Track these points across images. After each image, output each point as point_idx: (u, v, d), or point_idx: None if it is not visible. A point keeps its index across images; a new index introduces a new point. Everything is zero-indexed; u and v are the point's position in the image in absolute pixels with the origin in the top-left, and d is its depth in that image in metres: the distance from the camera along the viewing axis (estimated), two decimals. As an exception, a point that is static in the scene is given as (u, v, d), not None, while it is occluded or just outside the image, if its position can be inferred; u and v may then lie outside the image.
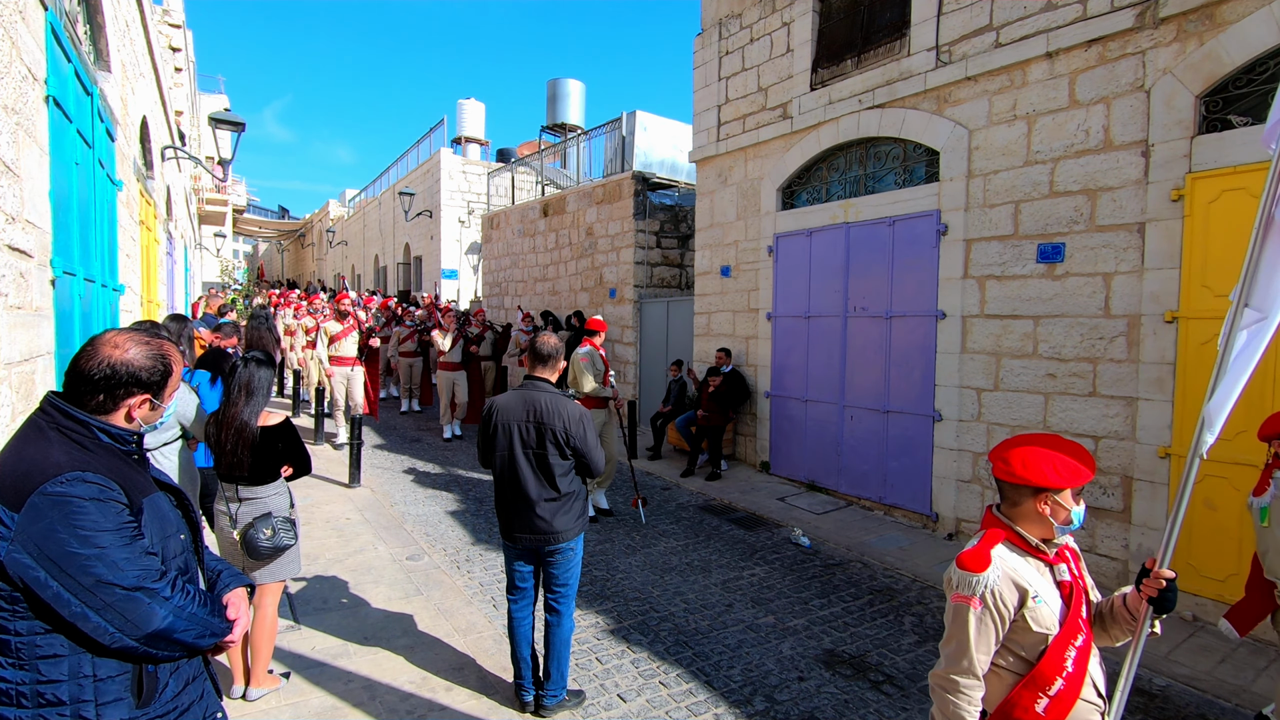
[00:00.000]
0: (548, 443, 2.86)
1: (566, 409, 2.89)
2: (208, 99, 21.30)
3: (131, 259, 5.72)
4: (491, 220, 14.50)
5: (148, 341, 1.49)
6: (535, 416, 2.87)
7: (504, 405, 2.95)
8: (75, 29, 3.85)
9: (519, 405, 2.91)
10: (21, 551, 1.24)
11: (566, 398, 2.95)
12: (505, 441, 2.91)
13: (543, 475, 2.90)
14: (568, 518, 2.94)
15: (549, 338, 3.08)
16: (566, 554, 3.01)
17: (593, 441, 2.93)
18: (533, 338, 3.11)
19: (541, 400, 2.89)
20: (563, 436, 2.85)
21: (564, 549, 2.99)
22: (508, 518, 2.98)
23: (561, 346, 3.10)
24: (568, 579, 3.05)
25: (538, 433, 2.86)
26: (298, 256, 39.45)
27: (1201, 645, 3.86)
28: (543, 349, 3.05)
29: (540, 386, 2.96)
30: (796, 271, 7.00)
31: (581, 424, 2.90)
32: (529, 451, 2.89)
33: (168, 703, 1.42)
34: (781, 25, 7.08)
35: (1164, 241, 4.30)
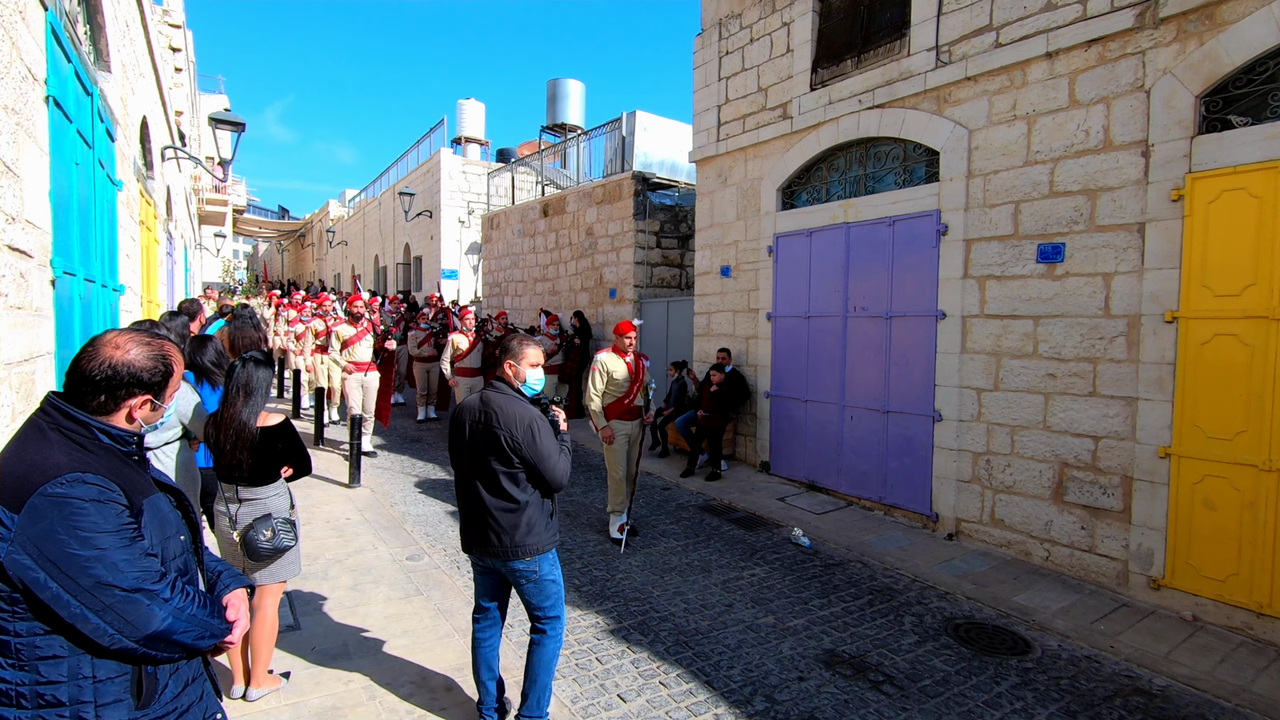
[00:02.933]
0: (494, 447, 2.63)
1: (514, 412, 2.63)
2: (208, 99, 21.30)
3: (131, 259, 5.72)
4: (491, 220, 14.50)
5: (148, 342, 1.48)
6: (486, 419, 2.66)
7: (466, 405, 2.78)
8: (75, 29, 3.85)
9: (476, 405, 2.73)
10: (21, 552, 1.24)
11: (519, 400, 2.71)
12: (461, 446, 2.74)
13: (489, 484, 2.67)
14: (525, 531, 2.67)
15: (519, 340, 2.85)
16: (530, 576, 2.71)
17: (545, 449, 2.63)
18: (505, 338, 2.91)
19: (495, 401, 2.69)
20: (509, 443, 2.60)
21: (526, 570, 2.70)
22: (463, 528, 2.81)
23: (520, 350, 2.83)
24: (544, 603, 2.77)
25: (485, 437, 2.64)
26: (298, 257, 39.44)
27: (1201, 645, 3.86)
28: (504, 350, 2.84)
29: (499, 388, 2.76)
30: (796, 272, 7.00)
31: (530, 430, 2.61)
32: (478, 457, 2.68)
33: (167, 704, 1.42)
34: (781, 25, 7.08)
35: (1164, 241, 4.30)
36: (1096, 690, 3.40)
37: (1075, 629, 4.03)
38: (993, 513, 5.29)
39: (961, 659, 3.67)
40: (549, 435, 2.66)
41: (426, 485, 6.92)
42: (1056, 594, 4.50)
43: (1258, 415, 3.93)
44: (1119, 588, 4.53)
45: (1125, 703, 3.30)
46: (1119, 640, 3.90)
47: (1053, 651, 3.78)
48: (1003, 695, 3.33)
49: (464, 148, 20.77)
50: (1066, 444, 4.82)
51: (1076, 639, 3.91)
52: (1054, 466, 4.89)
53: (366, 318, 7.84)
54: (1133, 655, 3.73)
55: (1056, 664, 3.65)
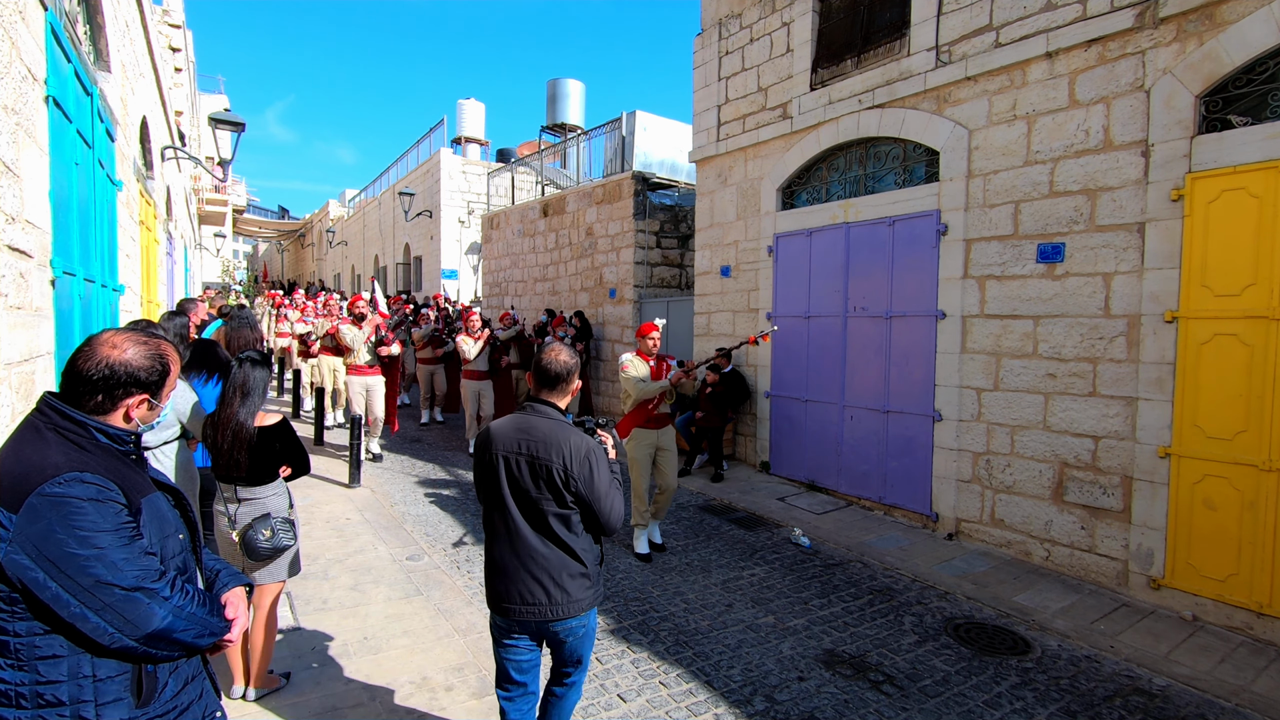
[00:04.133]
0: (542, 483, 2.21)
1: (569, 441, 2.22)
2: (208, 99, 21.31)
3: (131, 259, 5.72)
4: (491, 220, 14.50)
5: (145, 341, 1.49)
6: (529, 449, 2.23)
7: (499, 433, 2.32)
8: (75, 29, 3.85)
9: (512, 433, 2.29)
10: (20, 552, 1.24)
11: (573, 425, 2.32)
12: (494, 479, 2.29)
13: (537, 526, 2.25)
14: (575, 583, 2.26)
15: (559, 351, 2.41)
16: (577, 632, 2.32)
17: (603, 486, 2.22)
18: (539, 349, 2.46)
19: (539, 429, 2.26)
20: (561, 476, 2.19)
21: (571, 626, 2.29)
22: (495, 581, 2.32)
23: (575, 364, 2.43)
24: (581, 653, 2.40)
25: (531, 470, 2.22)
26: (298, 257, 39.45)
27: (1201, 645, 3.86)
28: (550, 366, 2.37)
29: (541, 411, 2.33)
30: (796, 271, 7.00)
31: (589, 463, 2.20)
32: (521, 494, 2.25)
33: (167, 702, 1.42)
34: (781, 25, 7.08)
35: (1164, 241, 4.30)
36: (1096, 690, 3.40)
37: (1075, 629, 4.02)
38: (993, 512, 5.29)
39: (961, 659, 3.67)
40: (607, 469, 2.27)
41: (426, 485, 6.92)
42: (1056, 594, 4.50)
43: (1258, 415, 3.93)
44: (1119, 588, 4.53)
45: (1125, 703, 3.30)
46: (1119, 640, 3.90)
47: (1053, 651, 3.78)
48: (1003, 695, 3.33)
49: (464, 148, 20.77)
50: (1066, 444, 4.82)
51: (1076, 639, 3.91)
52: (1054, 466, 4.89)
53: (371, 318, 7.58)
54: (1133, 655, 3.73)
55: (1056, 664, 3.65)
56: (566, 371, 2.40)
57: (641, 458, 5.04)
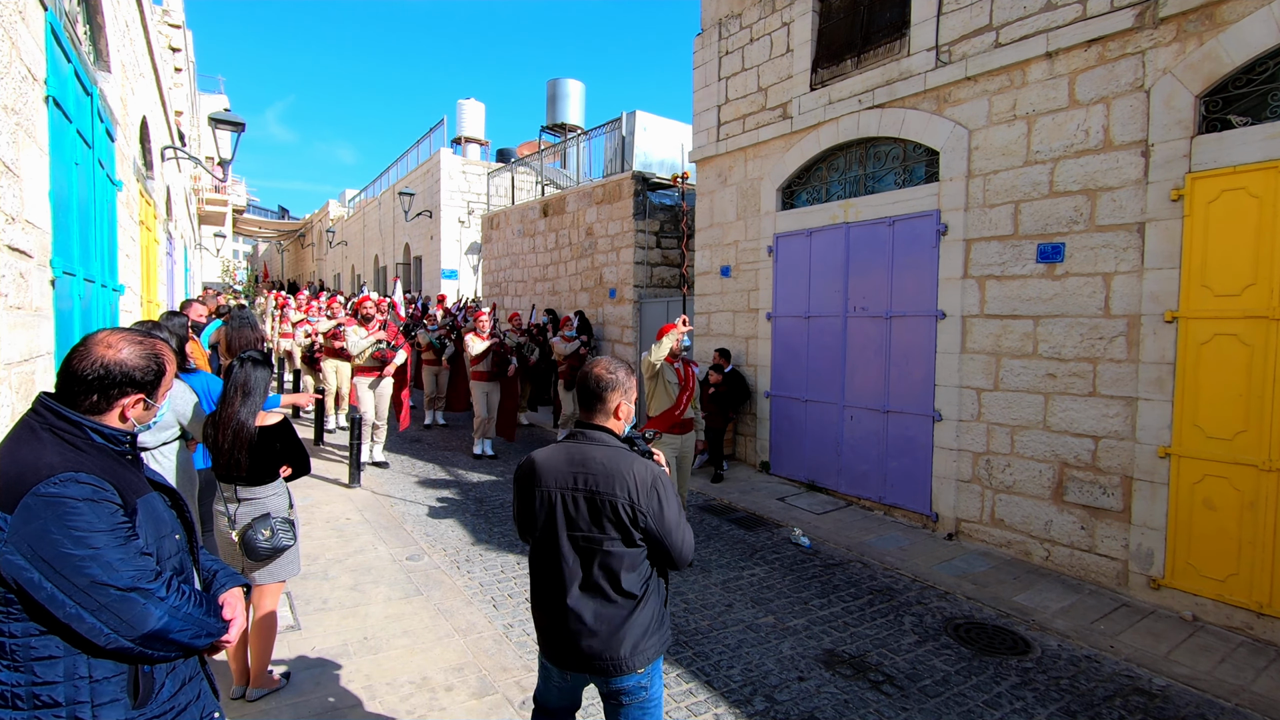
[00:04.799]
0: (605, 521, 1.95)
1: (633, 471, 1.96)
2: (208, 99, 21.33)
3: (131, 259, 5.72)
4: (491, 220, 14.50)
5: (140, 340, 1.48)
6: (586, 483, 1.97)
7: (546, 464, 2.04)
8: (75, 29, 3.85)
9: (564, 465, 2.02)
10: (15, 553, 1.24)
11: (627, 452, 2.03)
12: (545, 516, 2.02)
13: (596, 569, 1.97)
14: (638, 633, 1.98)
15: (597, 365, 2.12)
16: (638, 694, 2.02)
17: (673, 518, 1.98)
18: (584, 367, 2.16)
19: (596, 459, 1.99)
20: (627, 512, 1.93)
21: (631, 686, 2.00)
22: (546, 627, 2.06)
23: (614, 378, 2.10)
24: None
25: (590, 507, 1.96)
26: (298, 257, 39.47)
27: (1201, 645, 3.86)
28: (585, 383, 2.09)
29: (595, 438, 2.05)
30: (796, 271, 7.00)
31: (656, 494, 1.96)
32: (577, 534, 1.97)
33: (164, 703, 1.41)
34: (781, 25, 7.07)
35: (1164, 241, 4.30)
36: (1096, 690, 3.40)
37: (1075, 629, 4.02)
38: (993, 512, 5.28)
39: (961, 659, 3.67)
40: (675, 498, 2.02)
41: (427, 485, 6.92)
42: (1056, 594, 4.50)
43: (1258, 415, 3.93)
44: (1119, 588, 4.52)
45: (1125, 703, 3.29)
46: (1119, 640, 3.90)
47: (1053, 651, 3.78)
48: (1003, 695, 3.33)
49: (464, 148, 20.78)
50: (1066, 444, 4.81)
51: (1076, 639, 3.91)
52: (1054, 466, 4.89)
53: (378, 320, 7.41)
54: (1133, 655, 3.73)
55: (1056, 664, 3.65)
56: (600, 386, 2.07)
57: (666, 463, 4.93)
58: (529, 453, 2.13)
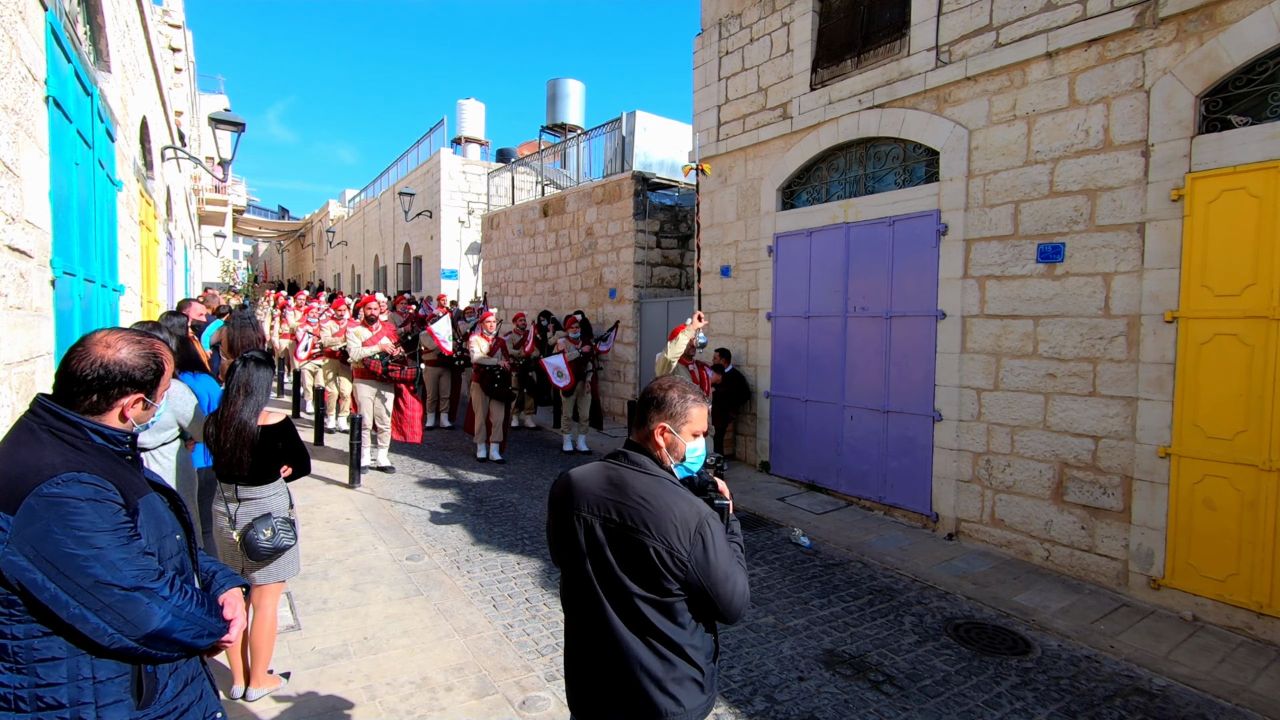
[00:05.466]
0: (639, 565, 1.65)
1: (672, 509, 1.66)
2: (208, 99, 21.32)
3: (131, 259, 5.72)
4: (491, 220, 14.50)
5: (139, 340, 1.48)
6: (621, 515, 1.68)
7: (582, 485, 1.78)
8: (75, 29, 3.85)
9: (600, 489, 1.75)
10: (18, 554, 1.24)
11: (673, 485, 1.73)
12: (576, 546, 1.75)
13: (630, 616, 1.68)
14: (679, 689, 1.69)
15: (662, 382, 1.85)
16: None
17: (721, 566, 1.65)
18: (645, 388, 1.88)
19: (633, 488, 1.70)
20: (661, 559, 1.62)
21: None
22: (574, 676, 1.81)
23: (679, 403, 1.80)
24: None
25: (623, 544, 1.67)
26: (298, 257, 39.46)
27: (1201, 645, 3.86)
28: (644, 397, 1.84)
29: (637, 462, 1.76)
30: (796, 271, 7.00)
31: (700, 537, 1.64)
32: (608, 572, 1.69)
33: (167, 703, 1.41)
34: (781, 25, 7.07)
35: (1164, 241, 4.30)
36: (1096, 690, 3.40)
37: (1075, 629, 4.02)
38: (993, 512, 5.28)
39: (961, 659, 3.67)
40: (724, 541, 1.71)
41: (427, 486, 6.92)
42: (1056, 594, 4.50)
43: (1258, 415, 3.93)
44: (1119, 588, 4.53)
45: (1125, 703, 3.30)
46: (1119, 640, 3.90)
47: (1053, 651, 3.78)
48: (1003, 695, 3.33)
49: (464, 148, 20.78)
50: (1066, 444, 4.82)
51: (1076, 639, 3.91)
52: (1054, 466, 4.89)
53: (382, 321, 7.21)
54: (1133, 655, 3.73)
55: (1056, 664, 3.65)
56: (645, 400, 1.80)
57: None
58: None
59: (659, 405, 1.80)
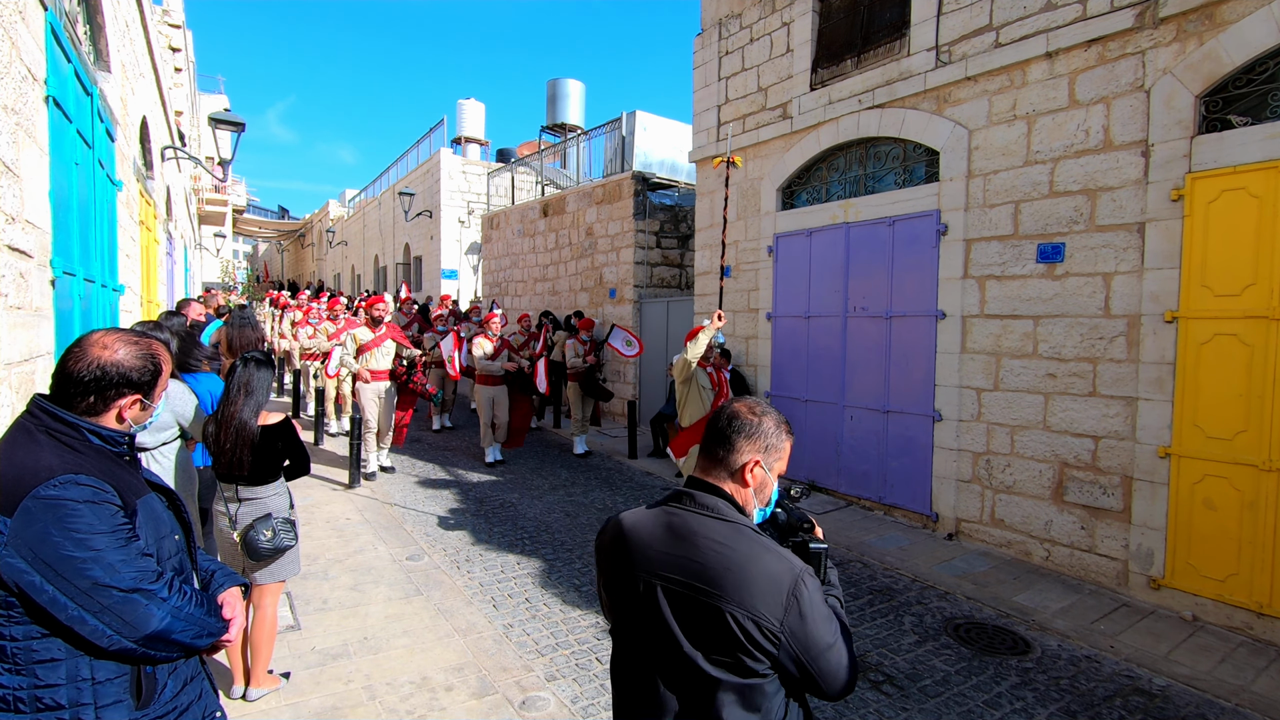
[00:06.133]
0: (713, 638, 1.28)
1: (761, 564, 1.30)
2: (208, 99, 21.32)
3: (131, 259, 5.72)
4: (491, 220, 14.50)
5: (136, 341, 1.48)
6: (688, 574, 1.32)
7: (637, 535, 1.42)
8: (75, 29, 3.85)
9: (660, 541, 1.38)
10: (15, 556, 1.24)
11: (753, 535, 1.34)
12: (629, 610, 1.41)
13: (697, 702, 1.32)
14: None
15: (749, 404, 1.46)
16: None
17: (822, 637, 1.29)
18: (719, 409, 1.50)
19: (705, 539, 1.33)
20: (747, 632, 1.26)
21: None
22: None
23: (775, 433, 1.44)
24: None
25: (692, 612, 1.31)
26: (298, 257, 39.46)
27: (1201, 645, 3.86)
28: (728, 423, 1.44)
29: (708, 505, 1.39)
30: (796, 271, 7.00)
31: (795, 603, 1.27)
32: (671, 647, 1.32)
33: (167, 703, 1.42)
34: (781, 25, 7.07)
35: (1164, 241, 4.30)
36: (1096, 690, 3.40)
37: (1075, 629, 4.02)
38: (993, 513, 5.28)
39: (961, 659, 3.67)
40: (822, 601, 1.33)
41: (427, 486, 6.92)
42: (1056, 594, 4.50)
43: (1258, 415, 3.93)
44: (1119, 588, 4.53)
45: (1125, 703, 3.30)
46: (1119, 640, 3.90)
47: (1053, 651, 3.78)
48: (1003, 695, 3.33)
49: (464, 148, 20.78)
50: (1066, 444, 4.82)
51: (1076, 639, 3.91)
52: (1054, 466, 4.89)
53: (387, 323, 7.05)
54: (1133, 655, 3.73)
55: (1056, 664, 3.65)
56: (731, 427, 1.42)
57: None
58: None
59: (750, 432, 1.42)
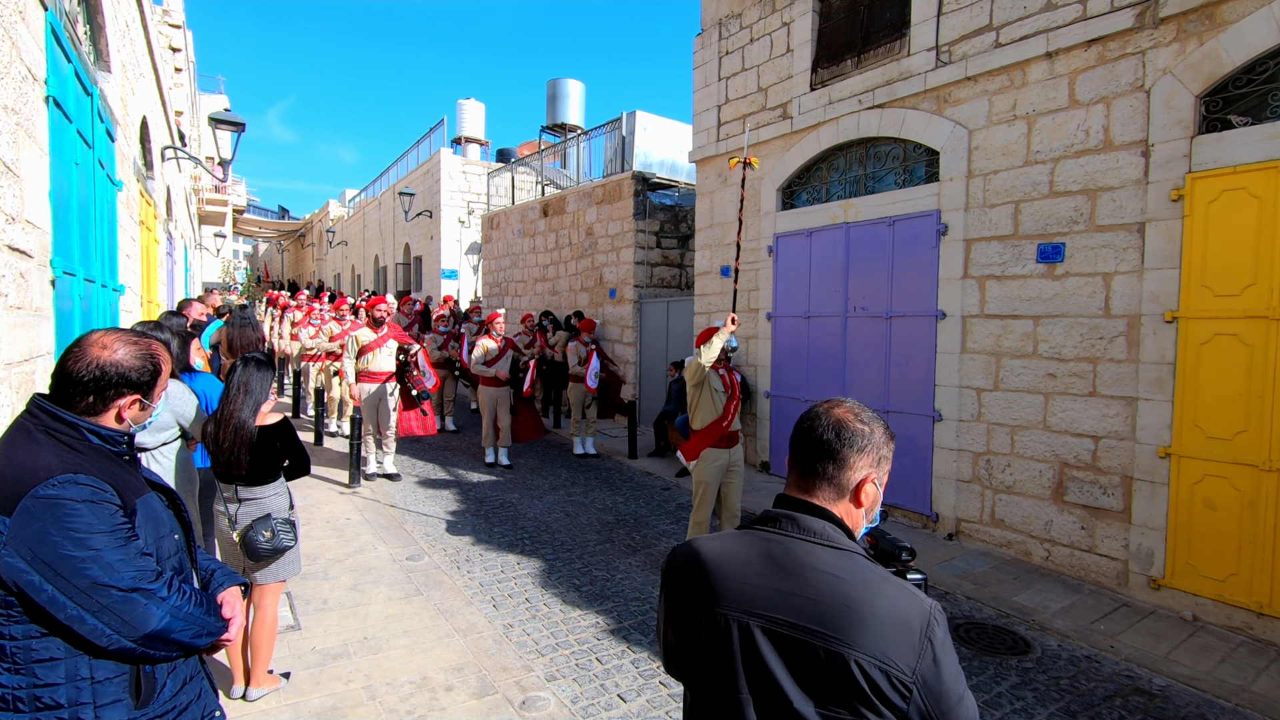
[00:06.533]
0: (830, 690, 1.07)
1: (886, 600, 1.09)
2: (208, 99, 21.32)
3: (131, 259, 5.72)
4: (491, 220, 14.50)
5: (135, 341, 1.48)
6: (798, 615, 1.11)
7: (723, 566, 1.20)
8: (75, 29, 3.85)
9: (756, 574, 1.17)
10: (15, 555, 1.24)
11: (870, 568, 1.15)
12: (717, 663, 1.17)
13: None
14: None
15: (852, 409, 1.26)
16: None
17: (954, 684, 1.08)
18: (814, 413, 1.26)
19: (816, 571, 1.13)
20: (877, 675, 1.05)
21: None
22: None
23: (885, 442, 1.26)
24: None
25: (806, 661, 1.09)
26: (298, 257, 39.46)
27: (1201, 645, 3.86)
28: (836, 432, 1.22)
29: (813, 530, 1.18)
30: (796, 271, 7.00)
31: (928, 645, 1.07)
32: (778, 703, 1.10)
33: (166, 703, 1.42)
34: (781, 25, 7.07)
35: (1164, 241, 4.30)
36: (1096, 690, 3.40)
37: (1075, 629, 4.02)
38: (993, 513, 5.28)
39: (961, 659, 3.67)
40: (952, 646, 1.13)
41: (427, 486, 6.92)
42: (1056, 594, 4.50)
43: (1258, 415, 3.93)
44: (1119, 588, 4.53)
45: (1125, 703, 3.30)
46: (1119, 640, 3.90)
47: (1053, 651, 3.78)
48: (1003, 695, 3.33)
49: (464, 148, 20.77)
50: (1066, 444, 4.82)
51: (1076, 639, 3.91)
52: (1054, 466, 4.89)
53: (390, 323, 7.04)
54: (1133, 655, 3.73)
55: (1056, 664, 3.65)
56: (841, 439, 1.19)
57: (711, 480, 4.43)
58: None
59: (863, 445, 1.19)
